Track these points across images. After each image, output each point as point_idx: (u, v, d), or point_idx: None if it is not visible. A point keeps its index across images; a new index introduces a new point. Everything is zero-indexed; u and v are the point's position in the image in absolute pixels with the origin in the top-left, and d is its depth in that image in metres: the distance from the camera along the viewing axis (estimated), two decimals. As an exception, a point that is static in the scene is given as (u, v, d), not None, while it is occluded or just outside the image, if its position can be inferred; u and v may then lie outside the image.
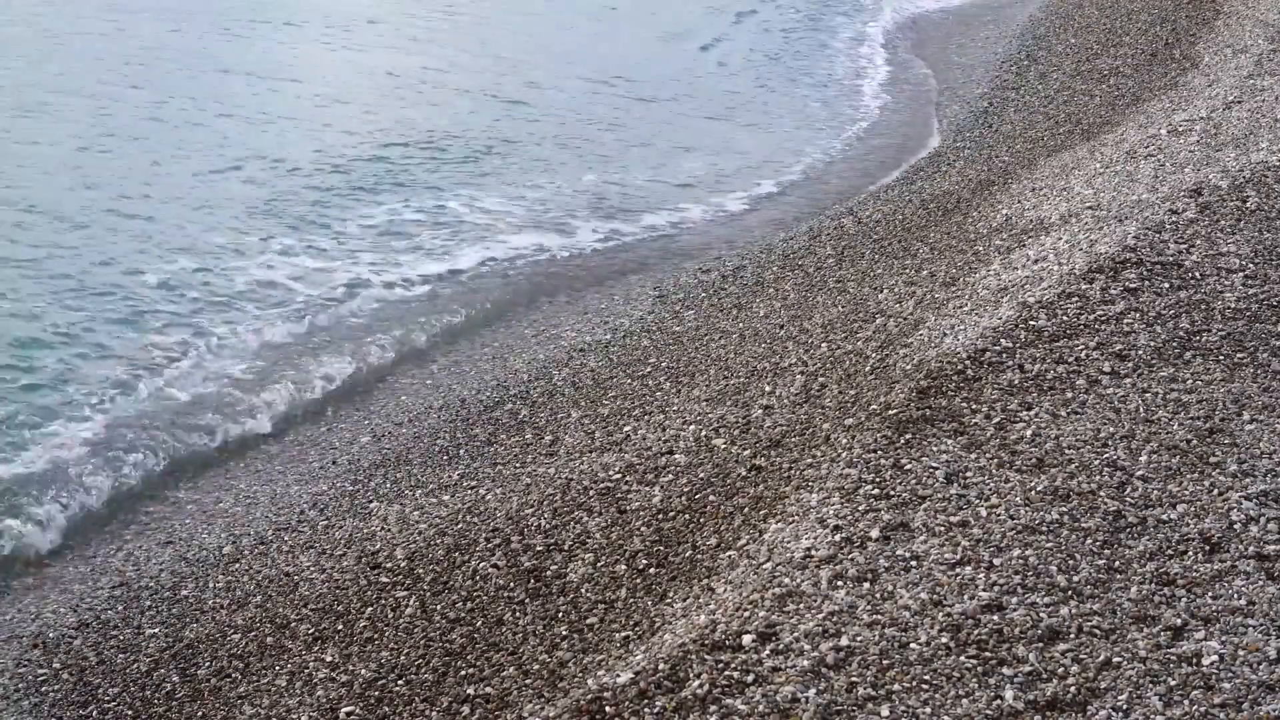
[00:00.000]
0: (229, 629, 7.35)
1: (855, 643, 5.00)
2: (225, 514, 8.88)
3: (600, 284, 13.01)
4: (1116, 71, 17.66)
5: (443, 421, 9.71)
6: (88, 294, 11.75)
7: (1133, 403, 6.82)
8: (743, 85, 20.65)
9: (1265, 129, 11.56)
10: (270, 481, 9.31)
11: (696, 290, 11.95)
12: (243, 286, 12.29)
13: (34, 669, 7.26)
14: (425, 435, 9.52)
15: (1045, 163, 13.50)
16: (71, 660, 7.29)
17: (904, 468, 6.25)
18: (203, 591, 7.80)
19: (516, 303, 12.61)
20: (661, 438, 8.19)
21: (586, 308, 12.24)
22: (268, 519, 8.65)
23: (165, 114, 16.77)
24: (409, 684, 6.39)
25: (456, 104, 18.38)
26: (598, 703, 4.92)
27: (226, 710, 6.68)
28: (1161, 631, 5.09)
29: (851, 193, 15.56)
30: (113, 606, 7.76)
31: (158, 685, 6.99)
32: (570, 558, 6.96)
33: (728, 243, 14.01)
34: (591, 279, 13.19)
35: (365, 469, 9.17)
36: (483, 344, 11.63)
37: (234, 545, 8.31)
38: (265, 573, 7.87)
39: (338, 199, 14.54)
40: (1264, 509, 5.88)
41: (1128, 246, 8.74)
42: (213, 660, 7.10)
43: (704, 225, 14.85)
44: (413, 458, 9.18)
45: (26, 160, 14.63)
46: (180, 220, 13.57)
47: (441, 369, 11.11)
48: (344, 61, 20.32)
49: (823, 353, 8.83)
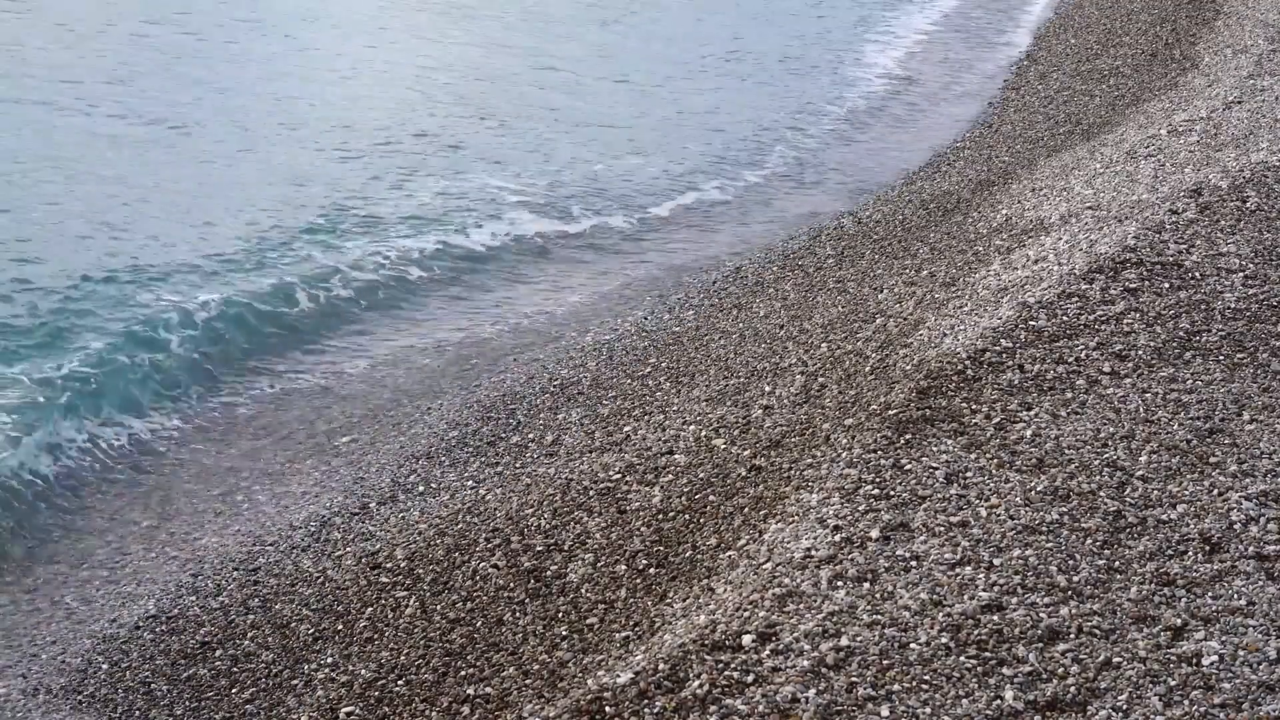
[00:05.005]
0: (236, 633, 7.36)
1: (855, 643, 5.00)
2: (236, 517, 8.89)
3: (601, 283, 13.02)
4: (1116, 71, 17.66)
5: (443, 421, 9.71)
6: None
7: (1133, 403, 6.82)
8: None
9: (1265, 129, 11.56)
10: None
11: (696, 290, 11.95)
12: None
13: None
14: (425, 435, 9.52)
15: (1045, 163, 13.50)
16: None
17: (904, 468, 6.25)
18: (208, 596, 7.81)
19: (516, 303, 12.61)
20: (661, 438, 8.18)
21: (587, 307, 12.24)
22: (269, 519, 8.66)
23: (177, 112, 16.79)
24: (409, 684, 6.39)
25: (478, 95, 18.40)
26: (598, 703, 4.92)
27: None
28: (1161, 631, 5.09)
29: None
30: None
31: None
32: (570, 558, 6.96)
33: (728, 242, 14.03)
34: (592, 278, 13.20)
35: (366, 468, 9.17)
36: (484, 343, 11.63)
37: (246, 550, 8.31)
38: (280, 574, 7.88)
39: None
40: (1264, 509, 5.88)
41: (1128, 246, 8.74)
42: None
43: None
44: (414, 457, 9.18)
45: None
46: (214, 206, 13.67)
47: (442, 368, 11.11)
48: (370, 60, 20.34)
49: (823, 353, 8.83)
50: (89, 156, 14.97)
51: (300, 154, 15.83)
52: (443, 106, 18.22)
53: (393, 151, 16.22)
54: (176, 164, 15.07)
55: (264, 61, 19.62)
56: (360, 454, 9.52)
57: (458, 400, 10.10)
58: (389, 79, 19.42)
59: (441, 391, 10.49)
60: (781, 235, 13.77)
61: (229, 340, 11.31)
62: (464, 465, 8.82)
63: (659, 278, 12.90)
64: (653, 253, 13.97)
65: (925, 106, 19.81)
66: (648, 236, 14.46)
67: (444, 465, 8.89)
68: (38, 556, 8.40)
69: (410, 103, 18.31)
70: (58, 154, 14.87)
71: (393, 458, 9.20)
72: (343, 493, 8.78)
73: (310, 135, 16.54)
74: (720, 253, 13.61)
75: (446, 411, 9.88)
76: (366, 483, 8.87)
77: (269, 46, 20.59)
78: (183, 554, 8.41)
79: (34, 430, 9.50)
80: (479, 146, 16.62)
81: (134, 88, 17.50)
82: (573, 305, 12.46)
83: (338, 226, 13.79)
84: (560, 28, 23.24)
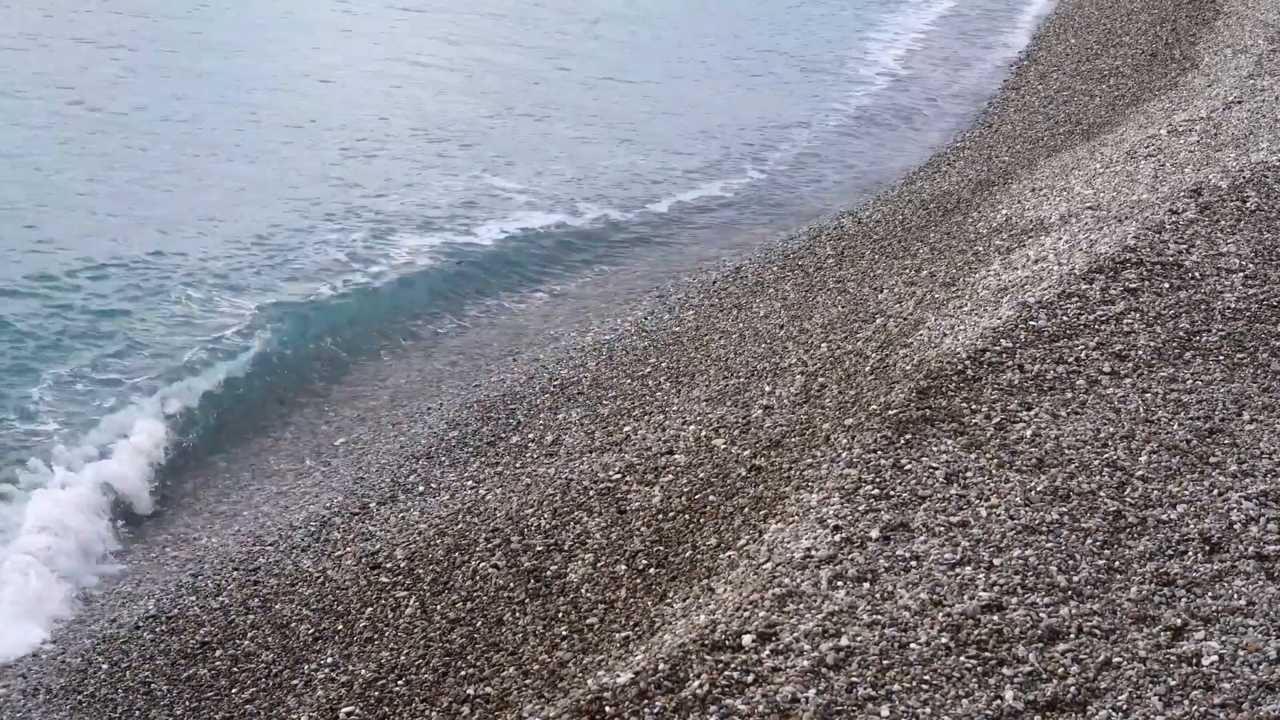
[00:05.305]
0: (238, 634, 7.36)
1: (855, 643, 5.00)
2: (237, 516, 8.89)
3: (601, 283, 13.02)
4: (1116, 71, 17.67)
5: (443, 421, 9.71)
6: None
7: (1133, 403, 6.82)
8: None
9: (1265, 129, 11.56)
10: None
11: (696, 290, 11.95)
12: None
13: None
14: (425, 435, 9.52)
15: (1045, 163, 13.50)
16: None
17: (904, 468, 6.25)
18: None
19: (516, 302, 12.62)
20: (661, 438, 8.18)
21: (587, 307, 12.24)
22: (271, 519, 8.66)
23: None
24: (409, 684, 6.39)
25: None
26: (598, 703, 4.92)
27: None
28: (1161, 631, 5.09)
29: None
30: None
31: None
32: (570, 558, 6.96)
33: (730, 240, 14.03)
34: (594, 276, 13.20)
35: (366, 468, 9.17)
36: (484, 343, 11.63)
37: (246, 550, 8.31)
38: (276, 575, 7.88)
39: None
40: (1264, 509, 5.88)
41: (1128, 246, 8.74)
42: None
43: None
44: (414, 457, 9.18)
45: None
46: (218, 205, 13.69)
47: (442, 368, 11.12)
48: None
49: (823, 353, 8.83)
50: (94, 153, 14.97)
51: (302, 154, 15.84)
52: (443, 107, 18.22)
53: (395, 151, 16.23)
54: (179, 164, 15.07)
55: (266, 63, 19.62)
56: (360, 454, 9.52)
57: (458, 400, 10.10)
58: (390, 80, 19.41)
59: (441, 391, 10.50)
60: (781, 235, 13.77)
61: (229, 340, 11.30)
62: (464, 465, 8.82)
63: (659, 278, 12.89)
64: (653, 252, 13.98)
65: (925, 106, 19.82)
66: (649, 236, 14.46)
67: (444, 465, 8.89)
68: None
69: (412, 103, 18.32)
70: (48, 156, 14.87)
71: (393, 458, 9.20)
72: (343, 493, 8.77)
73: (312, 136, 16.55)
74: (720, 252, 13.61)
75: (446, 411, 9.88)
76: (366, 483, 8.87)
77: (271, 47, 20.60)
78: (183, 554, 8.41)
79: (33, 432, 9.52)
80: (483, 145, 16.63)
81: (138, 87, 17.51)
82: (573, 305, 12.46)
83: (341, 225, 13.79)
84: (562, 28, 23.25)
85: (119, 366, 10.63)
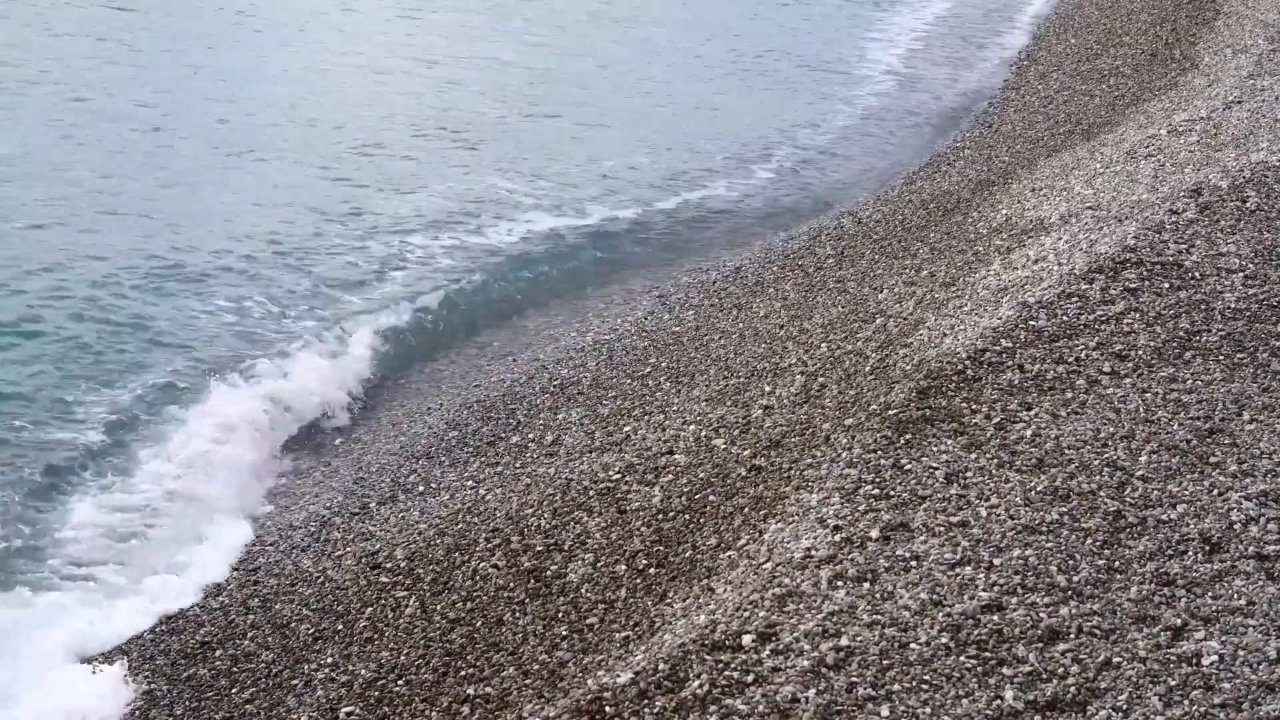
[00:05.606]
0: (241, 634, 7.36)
1: (855, 643, 5.00)
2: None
3: (601, 283, 13.02)
4: (1116, 71, 17.66)
5: (443, 421, 9.71)
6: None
7: (1133, 403, 6.82)
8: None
9: (1265, 129, 11.56)
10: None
11: (696, 290, 11.95)
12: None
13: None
14: (425, 435, 9.52)
15: (1045, 163, 13.50)
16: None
17: (904, 468, 6.25)
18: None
19: (516, 301, 12.61)
20: (661, 438, 8.18)
21: (587, 307, 12.24)
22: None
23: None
24: (409, 684, 6.40)
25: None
26: (598, 703, 4.93)
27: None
28: (1161, 631, 5.09)
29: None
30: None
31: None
32: (570, 558, 6.96)
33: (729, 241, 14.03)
34: (593, 276, 13.20)
35: (366, 468, 9.17)
36: (483, 343, 11.63)
37: (246, 550, 8.31)
38: (277, 575, 7.88)
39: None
40: (1264, 509, 5.88)
41: (1128, 246, 8.74)
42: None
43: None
44: (414, 457, 9.18)
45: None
46: (223, 205, 13.70)
47: (442, 369, 11.11)
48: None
49: (823, 353, 8.83)
50: (87, 157, 14.96)
51: (305, 154, 15.82)
52: (444, 106, 18.21)
53: (398, 151, 16.22)
54: (182, 164, 15.06)
55: (269, 64, 19.62)
56: (360, 454, 9.52)
57: (458, 400, 10.10)
58: (394, 79, 19.41)
59: (441, 391, 10.50)
60: (781, 235, 13.77)
61: (229, 340, 11.30)
62: (464, 465, 8.82)
63: (659, 278, 12.89)
64: (654, 252, 13.97)
65: (925, 106, 19.81)
66: (649, 236, 14.45)
67: (444, 465, 8.89)
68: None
69: (413, 102, 18.31)
70: (49, 155, 14.87)
71: (393, 458, 9.20)
72: (343, 493, 8.78)
73: (314, 135, 16.54)
74: (721, 252, 13.61)
75: (446, 411, 9.88)
76: (366, 483, 8.87)
77: (274, 48, 20.59)
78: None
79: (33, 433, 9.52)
80: (487, 146, 16.61)
81: (140, 85, 17.50)
82: (573, 305, 12.45)
83: (343, 225, 13.78)
84: (565, 27, 23.24)
85: (113, 365, 10.62)
